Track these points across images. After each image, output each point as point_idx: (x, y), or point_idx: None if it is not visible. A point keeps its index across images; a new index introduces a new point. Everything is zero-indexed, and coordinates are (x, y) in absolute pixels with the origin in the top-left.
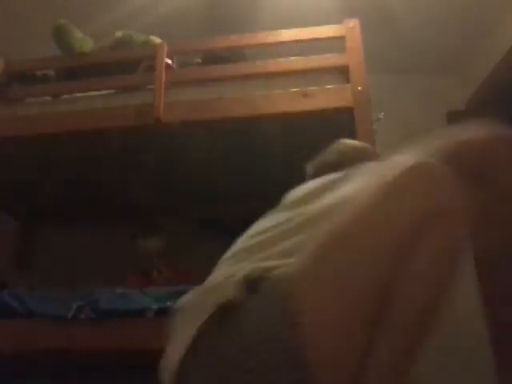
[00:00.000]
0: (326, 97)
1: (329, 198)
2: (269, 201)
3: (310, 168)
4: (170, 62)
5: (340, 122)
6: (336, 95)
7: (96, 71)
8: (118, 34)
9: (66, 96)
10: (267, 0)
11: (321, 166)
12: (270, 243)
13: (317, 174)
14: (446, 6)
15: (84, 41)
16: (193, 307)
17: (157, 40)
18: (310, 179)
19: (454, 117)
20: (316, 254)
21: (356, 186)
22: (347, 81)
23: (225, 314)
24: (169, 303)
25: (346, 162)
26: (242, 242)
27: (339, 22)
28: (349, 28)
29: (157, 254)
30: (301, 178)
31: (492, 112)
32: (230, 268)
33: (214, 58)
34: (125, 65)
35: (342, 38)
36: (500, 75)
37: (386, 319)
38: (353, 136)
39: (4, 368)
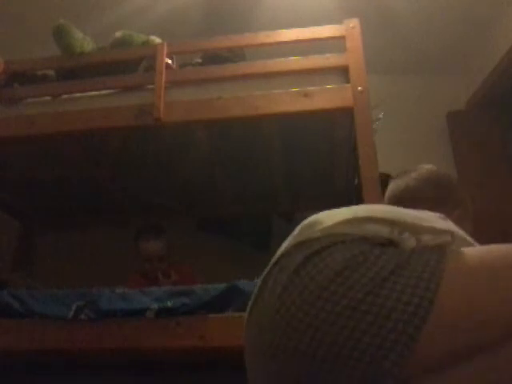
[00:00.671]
0: (326, 97)
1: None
2: (268, 201)
3: (396, 191)
4: (170, 61)
5: (340, 121)
6: (336, 95)
7: (96, 71)
8: (118, 34)
9: (65, 96)
10: (267, 0)
11: (409, 198)
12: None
13: (401, 201)
14: (446, 6)
15: (84, 41)
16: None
17: (157, 40)
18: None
19: (454, 117)
20: (478, 265)
21: None
22: (347, 81)
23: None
24: (169, 303)
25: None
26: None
27: (339, 22)
28: (349, 28)
29: (158, 255)
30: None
31: (492, 112)
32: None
33: (214, 57)
34: (125, 65)
35: (342, 38)
36: (500, 75)
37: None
38: (353, 136)
39: (3, 368)
